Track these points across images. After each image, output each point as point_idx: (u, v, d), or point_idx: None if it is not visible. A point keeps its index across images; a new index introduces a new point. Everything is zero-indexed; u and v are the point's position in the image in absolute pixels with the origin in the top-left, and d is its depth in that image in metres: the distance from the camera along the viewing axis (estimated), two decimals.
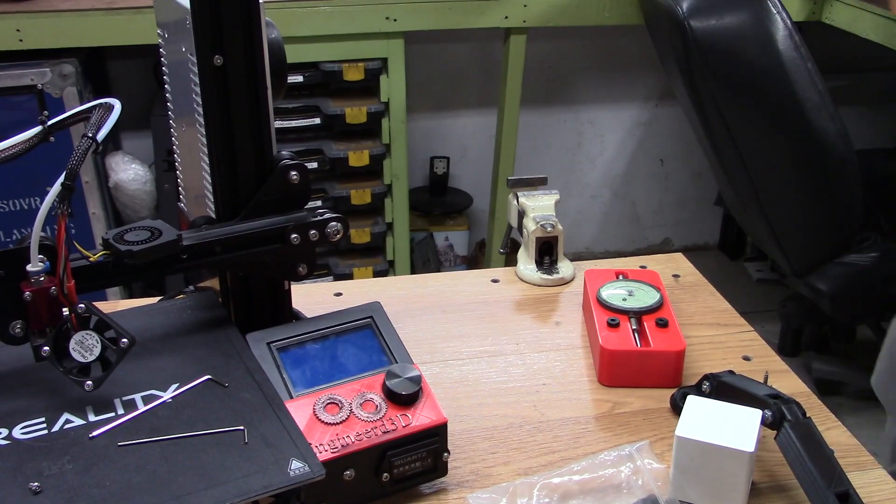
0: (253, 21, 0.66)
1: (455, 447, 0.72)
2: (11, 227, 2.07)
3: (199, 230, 0.68)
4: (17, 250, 0.61)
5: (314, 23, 2.00)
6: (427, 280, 1.01)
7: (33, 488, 0.54)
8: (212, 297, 0.75)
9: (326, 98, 2.13)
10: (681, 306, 0.94)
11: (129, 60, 2.36)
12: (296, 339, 0.69)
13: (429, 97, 2.61)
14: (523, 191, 1.03)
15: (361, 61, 2.09)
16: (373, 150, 2.16)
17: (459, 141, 2.71)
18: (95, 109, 0.63)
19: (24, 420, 0.60)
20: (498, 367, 0.86)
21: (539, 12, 2.11)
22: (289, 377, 0.67)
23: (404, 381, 0.66)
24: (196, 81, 0.66)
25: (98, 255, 0.64)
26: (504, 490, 0.68)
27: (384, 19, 2.03)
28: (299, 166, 0.71)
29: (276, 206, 0.71)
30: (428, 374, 0.69)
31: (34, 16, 1.89)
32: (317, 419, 0.64)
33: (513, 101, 2.23)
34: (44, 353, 0.60)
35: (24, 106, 1.94)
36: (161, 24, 0.72)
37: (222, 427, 0.60)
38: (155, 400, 0.62)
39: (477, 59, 2.60)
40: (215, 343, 0.69)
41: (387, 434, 0.64)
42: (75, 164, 0.59)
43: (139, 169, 2.16)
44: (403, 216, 2.29)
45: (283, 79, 0.70)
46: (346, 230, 0.73)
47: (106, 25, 1.92)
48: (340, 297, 0.96)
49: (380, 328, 0.71)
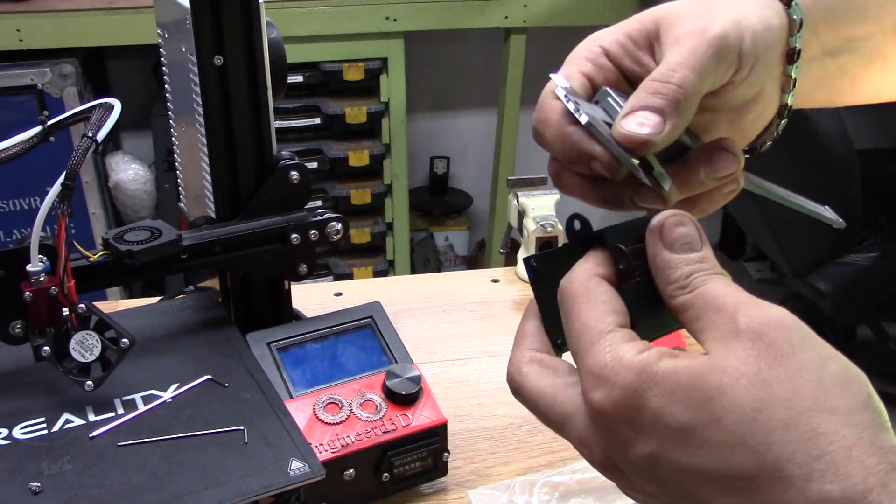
0: (253, 21, 0.66)
1: (455, 447, 0.72)
2: (11, 227, 2.07)
3: (199, 230, 0.68)
4: (17, 250, 0.60)
5: (314, 23, 2.00)
6: (427, 280, 1.01)
7: (33, 488, 0.54)
8: (212, 297, 0.75)
9: (326, 98, 2.13)
10: None
11: (129, 60, 2.36)
12: (296, 339, 0.69)
13: (429, 97, 2.61)
14: (523, 191, 1.03)
15: (361, 61, 2.09)
16: (373, 150, 2.16)
17: (459, 141, 2.71)
18: (95, 109, 0.63)
19: (24, 420, 0.60)
20: (498, 367, 0.86)
21: (539, 12, 2.11)
22: (289, 377, 0.67)
23: (404, 381, 0.66)
24: (196, 81, 0.66)
25: (98, 255, 0.64)
26: (505, 486, 0.68)
27: (384, 19, 2.03)
28: (299, 166, 0.71)
29: (276, 206, 0.71)
30: (428, 374, 0.69)
31: (34, 16, 1.89)
32: (317, 419, 0.64)
33: (513, 101, 2.23)
34: (44, 353, 0.60)
35: (24, 106, 1.94)
36: (161, 24, 0.72)
37: (222, 427, 0.60)
38: (155, 400, 0.62)
39: (477, 59, 2.60)
40: (215, 343, 0.69)
41: (387, 434, 0.64)
42: (75, 164, 0.59)
43: (139, 169, 2.16)
44: (403, 216, 2.29)
45: (283, 79, 0.70)
46: (346, 230, 0.73)
47: (106, 25, 1.92)
48: (340, 297, 0.96)
49: (380, 328, 0.71)
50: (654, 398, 0.35)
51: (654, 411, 0.35)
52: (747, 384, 0.34)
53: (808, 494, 0.32)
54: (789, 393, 0.33)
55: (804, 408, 0.33)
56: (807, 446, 0.32)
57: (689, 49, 0.44)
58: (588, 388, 0.37)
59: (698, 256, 0.39)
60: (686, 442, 0.35)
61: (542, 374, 0.42)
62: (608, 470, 0.39)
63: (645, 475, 0.37)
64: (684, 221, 0.40)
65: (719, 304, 0.37)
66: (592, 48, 0.48)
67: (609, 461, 0.38)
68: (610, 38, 0.48)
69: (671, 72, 0.43)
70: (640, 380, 0.36)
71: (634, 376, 0.36)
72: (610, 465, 0.38)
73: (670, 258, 0.39)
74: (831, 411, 0.33)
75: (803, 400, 0.33)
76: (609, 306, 0.39)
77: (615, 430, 0.37)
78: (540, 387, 0.41)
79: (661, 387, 0.35)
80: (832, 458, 0.32)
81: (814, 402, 0.33)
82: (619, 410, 0.36)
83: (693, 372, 0.35)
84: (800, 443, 0.33)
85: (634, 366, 0.36)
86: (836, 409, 0.33)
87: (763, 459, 0.33)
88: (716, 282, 0.38)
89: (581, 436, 0.39)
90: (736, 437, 0.33)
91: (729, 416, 0.34)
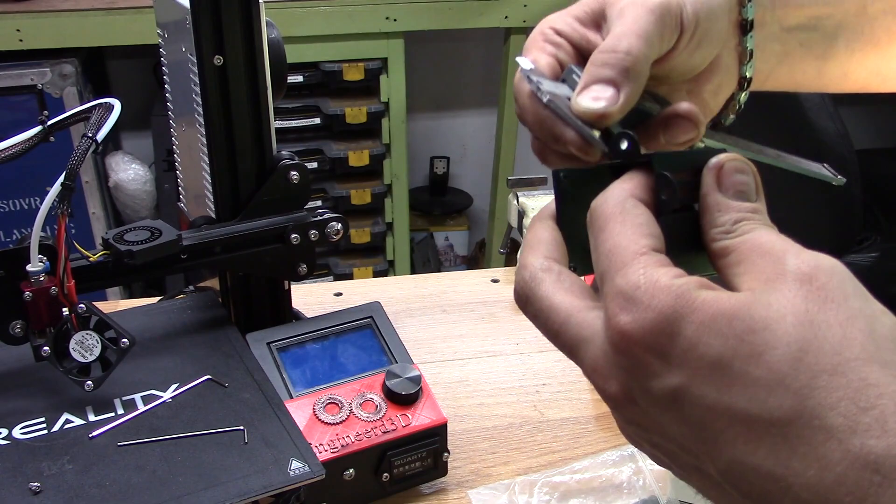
0: (253, 21, 0.66)
1: (455, 447, 0.72)
2: (11, 227, 2.07)
3: (199, 230, 0.68)
4: (17, 250, 0.60)
5: (314, 23, 2.00)
6: (427, 280, 1.01)
7: (33, 488, 0.54)
8: (212, 297, 0.75)
9: (326, 98, 2.13)
10: None
11: (129, 60, 2.36)
12: (296, 339, 0.69)
13: (429, 97, 2.61)
14: (523, 191, 1.03)
15: (361, 61, 2.09)
16: (373, 150, 2.16)
17: (459, 141, 2.71)
18: (95, 109, 0.63)
19: (24, 420, 0.60)
20: (498, 367, 0.86)
21: (539, 12, 2.11)
22: (289, 377, 0.67)
23: (404, 381, 0.66)
24: (196, 81, 0.66)
25: (98, 255, 0.64)
26: (505, 486, 0.68)
27: (384, 19, 2.03)
28: (299, 166, 0.71)
29: (276, 206, 0.71)
30: (428, 374, 0.69)
31: (34, 16, 1.89)
32: (317, 419, 0.64)
33: (513, 101, 2.23)
34: (44, 353, 0.60)
35: (24, 106, 1.94)
36: (161, 24, 0.72)
37: (222, 427, 0.60)
38: (155, 400, 0.62)
39: (477, 59, 2.60)
40: (215, 343, 0.69)
41: (387, 434, 0.64)
42: (75, 164, 0.59)
43: (139, 169, 2.16)
44: (403, 216, 2.29)
45: (283, 79, 0.70)
46: (346, 230, 0.73)
47: (106, 25, 1.92)
48: (340, 297, 0.96)
49: (380, 328, 0.71)
50: (690, 325, 0.32)
51: (688, 339, 0.32)
52: (794, 321, 0.31)
53: (848, 447, 0.29)
54: (839, 338, 0.31)
55: (854, 355, 0.30)
56: (855, 395, 0.29)
57: (632, 18, 0.44)
58: (616, 309, 0.34)
59: (751, 206, 0.36)
60: (720, 376, 0.31)
61: (558, 287, 0.38)
62: (622, 404, 0.36)
63: (665, 412, 0.34)
64: (744, 169, 0.37)
65: (766, 248, 0.34)
66: (545, 31, 0.48)
67: (626, 393, 0.35)
68: (560, 21, 0.48)
69: (617, 41, 0.43)
70: (678, 305, 0.32)
71: (671, 301, 0.33)
72: (625, 398, 0.35)
73: (722, 200, 0.37)
74: (883, 364, 0.30)
75: (853, 347, 0.30)
76: (646, 229, 0.36)
77: (640, 359, 0.33)
78: (554, 300, 0.37)
79: (699, 313, 0.32)
80: (881, 411, 0.29)
81: (864, 351, 0.30)
82: (649, 336, 0.33)
83: (736, 303, 0.32)
84: (847, 391, 0.30)
85: (672, 290, 0.33)
86: (888, 363, 0.30)
87: (804, 404, 0.30)
88: (764, 230, 0.35)
89: (596, 363, 0.36)
90: (776, 376, 0.30)
91: (771, 352, 0.31)
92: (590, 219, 0.38)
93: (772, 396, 0.30)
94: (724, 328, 0.32)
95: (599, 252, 0.36)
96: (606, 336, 0.35)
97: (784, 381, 0.30)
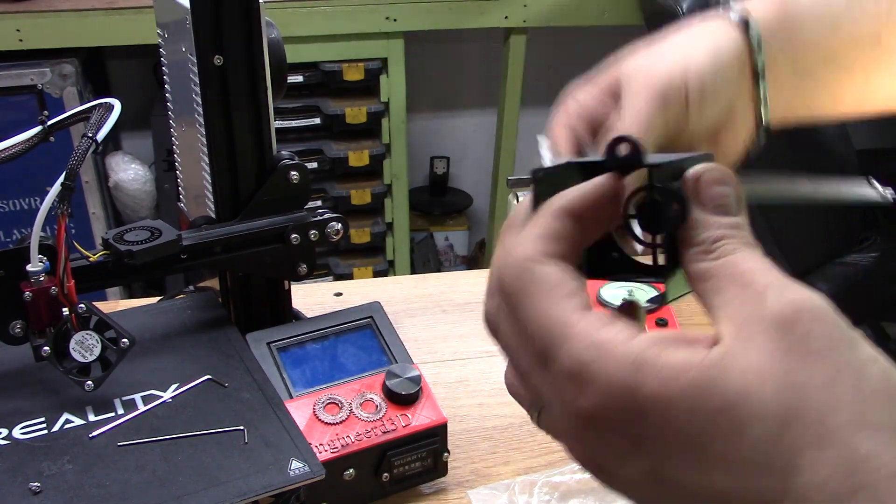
0: (253, 21, 0.66)
1: (455, 447, 0.72)
2: (11, 227, 2.07)
3: (199, 230, 0.68)
4: (17, 250, 0.60)
5: (314, 23, 2.00)
6: (427, 280, 1.01)
7: (33, 488, 0.54)
8: (212, 297, 0.75)
9: (326, 98, 2.13)
10: (681, 306, 0.94)
11: (129, 60, 2.36)
12: (296, 339, 0.69)
13: (429, 97, 2.61)
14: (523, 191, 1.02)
15: (361, 61, 2.09)
16: (373, 150, 2.16)
17: (459, 141, 2.71)
18: (95, 109, 0.63)
19: (24, 420, 0.60)
20: (498, 367, 0.85)
21: (539, 12, 2.11)
22: (289, 377, 0.67)
23: (404, 381, 0.66)
24: (196, 81, 0.66)
25: (98, 255, 0.64)
26: (505, 486, 0.68)
27: (384, 19, 2.03)
28: (299, 166, 0.71)
29: (276, 206, 0.71)
30: (428, 374, 0.69)
31: (34, 16, 1.89)
32: (317, 419, 0.64)
33: (513, 101, 2.23)
34: (44, 353, 0.60)
35: (24, 106, 1.94)
36: (161, 24, 0.72)
37: (222, 427, 0.60)
38: (155, 400, 0.62)
39: (477, 59, 2.60)
40: (215, 343, 0.69)
41: (387, 434, 0.64)
42: (75, 164, 0.59)
43: (139, 169, 2.16)
44: (403, 216, 2.29)
45: (283, 79, 0.70)
46: (346, 230, 0.73)
47: (106, 25, 1.92)
48: (340, 297, 0.96)
49: (380, 328, 0.71)
50: (658, 401, 0.29)
51: (659, 416, 0.29)
52: (774, 389, 0.28)
53: None
54: (824, 401, 0.28)
55: (842, 421, 0.28)
56: (843, 471, 0.27)
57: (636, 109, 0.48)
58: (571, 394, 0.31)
59: (732, 221, 0.33)
60: (698, 458, 0.29)
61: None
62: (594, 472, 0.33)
63: (641, 491, 0.32)
64: (725, 180, 0.34)
65: (747, 279, 0.31)
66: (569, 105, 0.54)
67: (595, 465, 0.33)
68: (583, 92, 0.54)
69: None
70: (640, 378, 0.29)
71: (631, 373, 0.30)
72: (596, 467, 0.33)
73: (700, 216, 0.33)
74: (874, 427, 0.27)
75: (840, 412, 0.28)
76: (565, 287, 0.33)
77: (608, 440, 0.31)
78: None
79: (666, 386, 0.29)
80: (874, 490, 0.27)
81: (853, 414, 0.28)
82: (613, 417, 0.30)
83: (709, 370, 0.29)
84: (835, 468, 0.27)
85: (630, 359, 0.30)
86: (879, 424, 0.28)
87: (790, 484, 0.28)
88: (746, 252, 0.32)
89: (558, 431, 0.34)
90: (758, 455, 0.28)
91: (751, 428, 0.28)
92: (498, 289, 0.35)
93: (755, 477, 0.28)
94: (697, 403, 0.29)
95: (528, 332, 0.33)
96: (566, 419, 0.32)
97: (767, 460, 0.28)
